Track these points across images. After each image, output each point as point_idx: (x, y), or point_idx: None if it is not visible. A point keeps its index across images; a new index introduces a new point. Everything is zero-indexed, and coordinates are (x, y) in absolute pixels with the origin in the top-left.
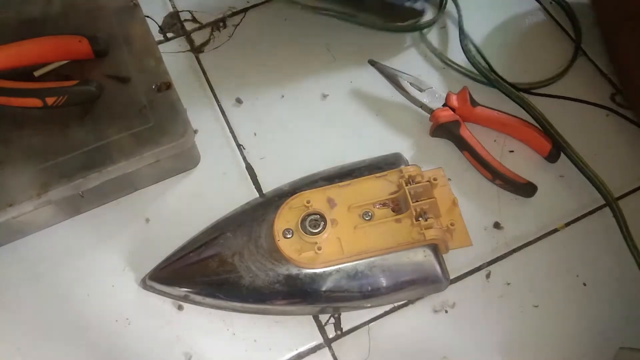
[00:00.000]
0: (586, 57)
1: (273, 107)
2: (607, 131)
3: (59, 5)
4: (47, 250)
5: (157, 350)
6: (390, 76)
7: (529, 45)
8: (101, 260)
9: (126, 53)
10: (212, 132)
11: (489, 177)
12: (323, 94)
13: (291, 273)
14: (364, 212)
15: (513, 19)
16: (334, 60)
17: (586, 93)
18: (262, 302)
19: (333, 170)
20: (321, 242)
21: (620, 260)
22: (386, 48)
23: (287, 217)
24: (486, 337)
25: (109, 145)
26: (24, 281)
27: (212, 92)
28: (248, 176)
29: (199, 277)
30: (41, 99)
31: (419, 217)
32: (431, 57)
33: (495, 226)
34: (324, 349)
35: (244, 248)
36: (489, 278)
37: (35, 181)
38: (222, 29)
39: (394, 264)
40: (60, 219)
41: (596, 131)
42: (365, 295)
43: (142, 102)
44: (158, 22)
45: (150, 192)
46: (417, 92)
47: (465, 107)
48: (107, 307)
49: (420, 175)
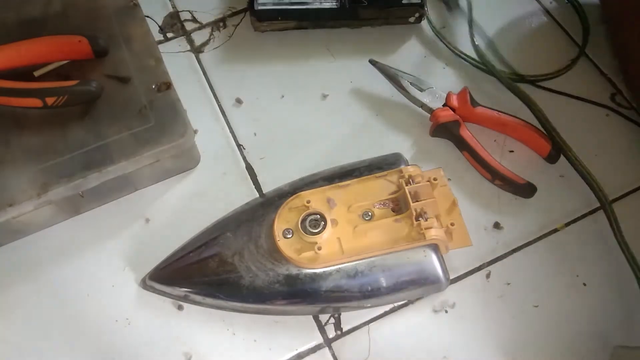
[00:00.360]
0: (586, 57)
1: (273, 107)
2: (607, 131)
3: (59, 5)
4: (47, 250)
5: (157, 350)
6: (391, 76)
7: (531, 44)
8: (101, 260)
9: (126, 53)
10: (212, 132)
11: (489, 177)
12: (323, 94)
13: (291, 273)
14: (364, 212)
15: (517, 19)
16: (334, 60)
17: (586, 92)
18: (262, 302)
19: (333, 170)
20: (321, 242)
21: (620, 261)
22: (386, 48)
23: (287, 217)
24: (486, 337)
25: (109, 145)
26: (24, 281)
27: (212, 92)
28: (248, 176)
29: (199, 277)
30: (41, 99)
31: (419, 217)
32: (431, 55)
33: (495, 226)
34: (324, 349)
35: (244, 248)
36: (489, 278)
37: (35, 181)
38: (222, 29)
39: (394, 264)
40: (60, 219)
41: (596, 131)
42: (365, 295)
43: (142, 102)
44: (158, 22)
45: (150, 192)
46: (417, 92)
47: (465, 107)
48: (107, 307)
49: (420, 175)
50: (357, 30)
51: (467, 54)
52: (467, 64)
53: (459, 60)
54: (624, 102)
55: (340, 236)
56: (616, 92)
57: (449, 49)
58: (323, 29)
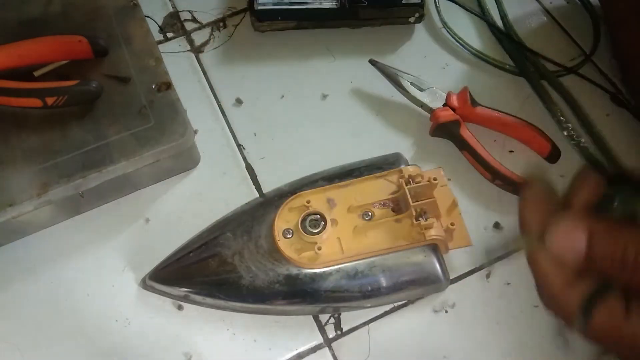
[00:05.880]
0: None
1: (273, 107)
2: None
3: (59, 5)
4: (47, 250)
5: (157, 350)
6: (391, 76)
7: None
8: (101, 260)
9: (126, 53)
10: (212, 132)
11: (489, 178)
12: (323, 94)
13: (291, 273)
14: (364, 212)
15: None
16: (334, 60)
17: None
18: (262, 302)
19: (333, 170)
20: (321, 242)
21: None
22: (386, 48)
23: (287, 217)
24: (486, 337)
25: (109, 145)
26: (24, 281)
27: (212, 92)
28: (248, 176)
29: (199, 277)
30: (41, 99)
31: (419, 217)
32: (432, 55)
33: (495, 226)
34: (324, 349)
35: (244, 248)
36: (489, 278)
37: (35, 181)
38: (222, 29)
39: (394, 264)
40: (60, 219)
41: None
42: (365, 295)
43: (142, 102)
44: (158, 22)
45: (150, 192)
46: (417, 91)
47: (465, 107)
48: (107, 307)
49: (420, 175)
50: (357, 30)
51: (476, 48)
52: (467, 63)
53: (459, 60)
54: (624, 103)
55: (340, 236)
56: (617, 92)
57: (458, 43)
58: (323, 29)
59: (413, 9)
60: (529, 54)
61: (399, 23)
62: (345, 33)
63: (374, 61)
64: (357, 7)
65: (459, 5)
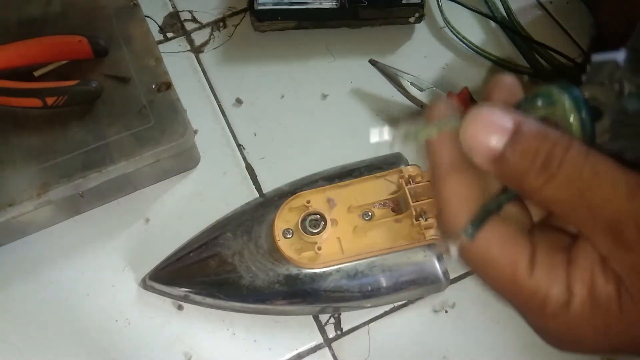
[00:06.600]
0: None
1: (273, 107)
2: None
3: (59, 5)
4: (47, 250)
5: (157, 350)
6: (391, 76)
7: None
8: (101, 260)
9: (126, 53)
10: (212, 132)
11: None
12: (323, 94)
13: (291, 273)
14: (364, 212)
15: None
16: (334, 60)
17: None
18: (262, 302)
19: (333, 170)
20: (321, 242)
21: None
22: (386, 48)
23: (287, 217)
24: (486, 337)
25: (109, 145)
26: (24, 281)
27: (212, 92)
28: (248, 176)
29: (199, 277)
30: (41, 99)
31: (419, 217)
32: (432, 55)
33: None
34: (324, 349)
35: (244, 248)
36: None
37: (35, 181)
38: (222, 29)
39: (394, 264)
40: (60, 219)
41: None
42: (365, 295)
43: (142, 102)
44: (158, 22)
45: (150, 192)
46: (417, 92)
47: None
48: (107, 307)
49: (420, 175)
50: (357, 30)
51: (481, 47)
52: (467, 64)
53: (459, 60)
54: None
55: (340, 236)
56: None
57: (462, 43)
58: (323, 29)
59: (413, 9)
60: (541, 49)
61: (399, 23)
62: (345, 33)
63: (374, 61)
64: (357, 7)
65: (463, 6)
